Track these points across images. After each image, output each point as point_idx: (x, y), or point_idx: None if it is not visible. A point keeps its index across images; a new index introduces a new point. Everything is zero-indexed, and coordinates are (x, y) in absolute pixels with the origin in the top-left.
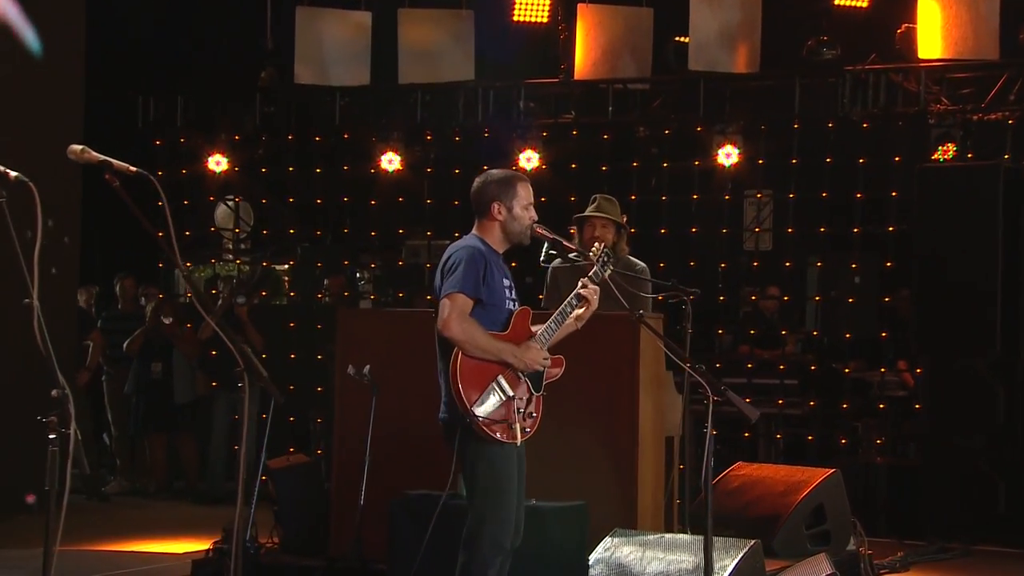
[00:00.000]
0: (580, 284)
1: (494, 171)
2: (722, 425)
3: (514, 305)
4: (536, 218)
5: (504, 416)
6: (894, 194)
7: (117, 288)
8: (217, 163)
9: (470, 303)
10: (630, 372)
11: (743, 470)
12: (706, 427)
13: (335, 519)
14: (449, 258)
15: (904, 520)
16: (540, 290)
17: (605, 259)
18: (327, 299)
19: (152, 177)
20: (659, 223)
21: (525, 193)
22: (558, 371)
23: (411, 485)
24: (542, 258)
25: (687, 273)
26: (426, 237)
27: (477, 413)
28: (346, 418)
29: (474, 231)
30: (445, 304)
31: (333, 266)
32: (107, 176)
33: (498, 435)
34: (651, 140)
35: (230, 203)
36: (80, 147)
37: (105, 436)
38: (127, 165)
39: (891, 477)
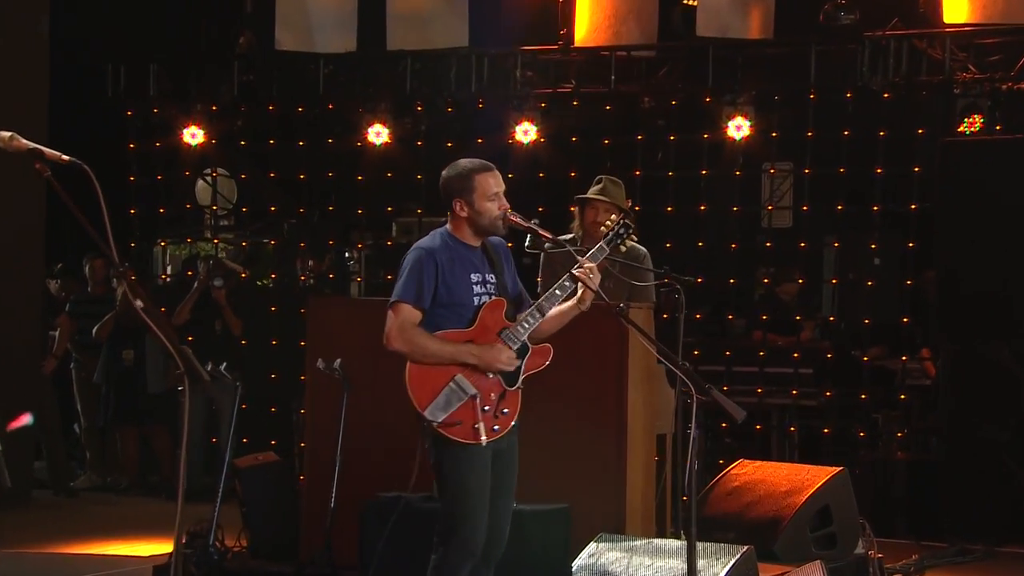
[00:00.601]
0: (576, 265)
1: (457, 163)
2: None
3: (487, 298)
4: (507, 206)
5: (464, 416)
6: (917, 169)
7: (86, 269)
8: (193, 135)
9: (415, 312)
10: (618, 365)
11: (744, 468)
12: (690, 427)
13: (305, 522)
14: (403, 259)
15: (924, 520)
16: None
17: (620, 234)
18: (311, 281)
19: (86, 167)
20: (666, 200)
21: (488, 184)
22: (543, 362)
23: (385, 486)
24: (527, 244)
25: (696, 254)
26: (416, 214)
27: (430, 417)
28: (317, 415)
29: (447, 223)
30: (388, 316)
31: (318, 246)
32: (37, 165)
33: (458, 437)
34: (657, 111)
35: (208, 178)
36: (9, 134)
37: (76, 427)
38: (59, 154)
39: (911, 473)
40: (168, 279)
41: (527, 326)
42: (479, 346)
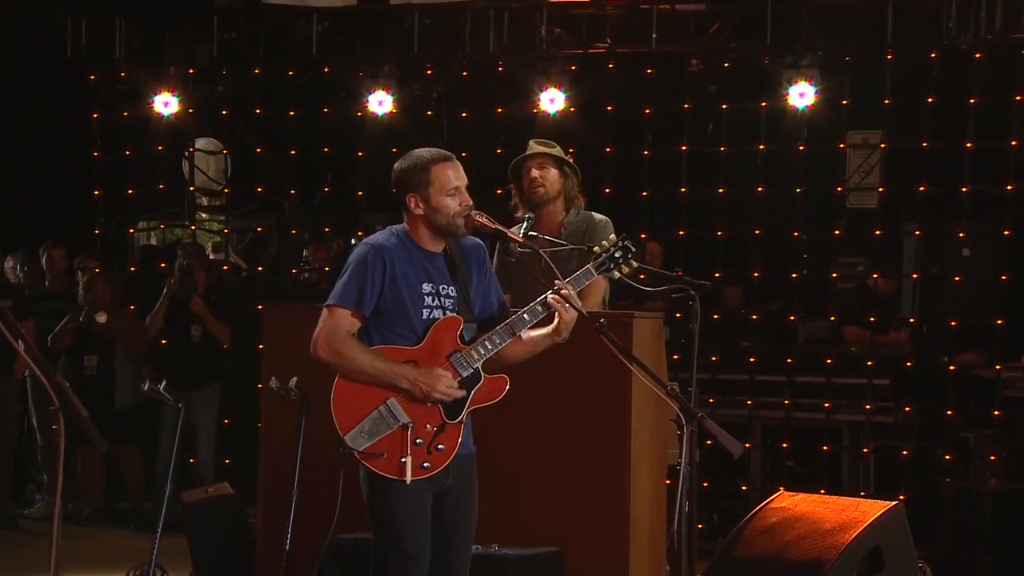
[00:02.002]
0: (552, 289)
1: (412, 153)
2: (798, 437)
3: (441, 314)
4: (470, 203)
5: (390, 448)
6: (1013, 144)
7: (43, 260)
8: (165, 104)
9: (352, 319)
10: (620, 386)
11: (783, 502)
12: (679, 463)
13: (260, 564)
14: (348, 257)
15: (1016, 560)
16: None
17: (615, 258)
18: (308, 274)
19: None
20: (716, 180)
21: (446, 177)
22: (495, 395)
23: (348, 526)
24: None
25: (750, 243)
26: None
27: (351, 443)
28: (273, 442)
29: (404, 221)
30: (321, 318)
31: (319, 232)
32: None
33: (381, 471)
34: (707, 75)
35: (195, 152)
36: None
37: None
38: None
39: (1005, 504)
40: (135, 270)
41: (482, 352)
42: (416, 369)
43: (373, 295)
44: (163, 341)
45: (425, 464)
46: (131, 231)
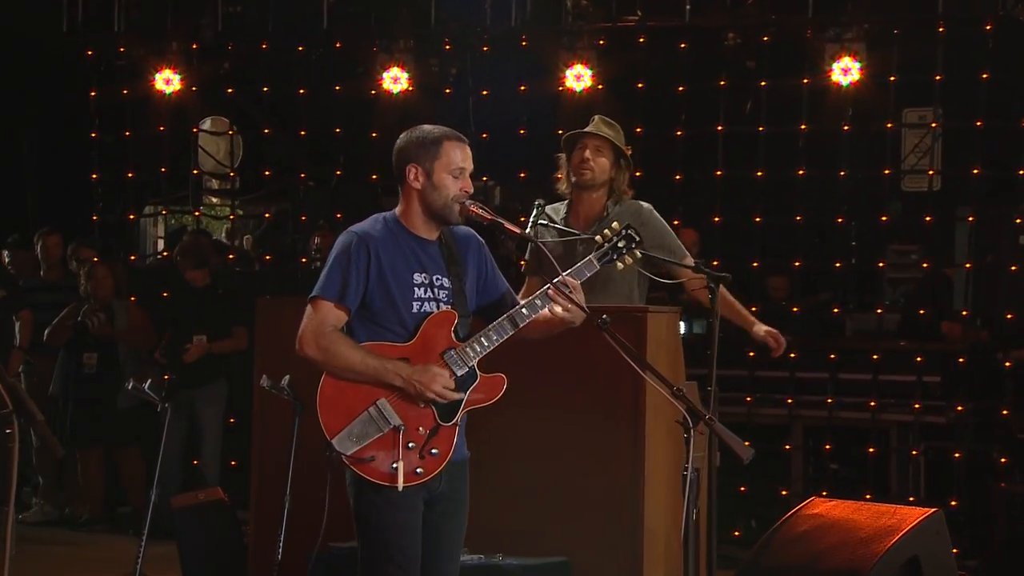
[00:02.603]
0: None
1: (421, 126)
2: (843, 438)
3: (434, 307)
4: (470, 190)
5: (381, 452)
6: None
7: (38, 248)
8: (167, 81)
9: (338, 312)
10: (633, 385)
11: (816, 508)
12: (686, 467)
13: (253, 573)
14: (333, 246)
15: None
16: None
17: (618, 248)
18: (321, 263)
19: None
20: (755, 162)
21: (454, 156)
22: (491, 396)
23: (342, 533)
24: (528, 230)
25: (792, 230)
26: None
27: (339, 447)
28: (266, 444)
29: (396, 207)
30: (305, 313)
31: (331, 217)
32: None
33: (370, 477)
34: (744, 50)
35: (203, 131)
36: None
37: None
38: None
39: None
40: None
41: (478, 350)
42: (411, 366)
43: (358, 287)
44: (167, 334)
45: (418, 469)
46: (131, 216)
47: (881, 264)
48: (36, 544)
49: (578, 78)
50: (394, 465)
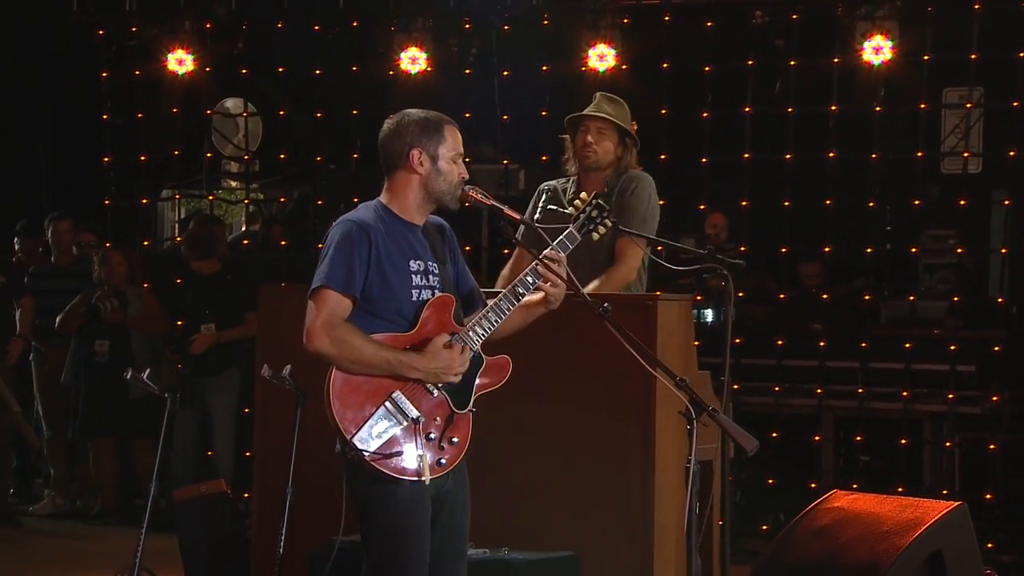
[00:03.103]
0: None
1: (412, 110)
2: (874, 429)
3: (430, 293)
4: (466, 176)
5: (404, 446)
6: None
7: (48, 232)
8: (180, 62)
9: (345, 302)
10: (644, 373)
11: (837, 502)
12: (689, 459)
13: (256, 568)
14: (326, 237)
15: None
16: None
17: (592, 218)
18: None
19: None
20: (783, 144)
21: (454, 140)
22: (499, 379)
23: (349, 528)
24: (537, 215)
25: (821, 214)
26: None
27: (361, 446)
28: (269, 436)
29: (380, 195)
30: (309, 307)
31: (348, 200)
32: None
33: (394, 473)
34: (772, 29)
35: (220, 114)
36: None
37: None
38: None
39: None
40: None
41: (480, 333)
42: (424, 357)
43: (360, 275)
44: (180, 323)
45: (441, 460)
46: (144, 201)
47: (913, 249)
48: (45, 537)
49: (601, 58)
50: (419, 457)
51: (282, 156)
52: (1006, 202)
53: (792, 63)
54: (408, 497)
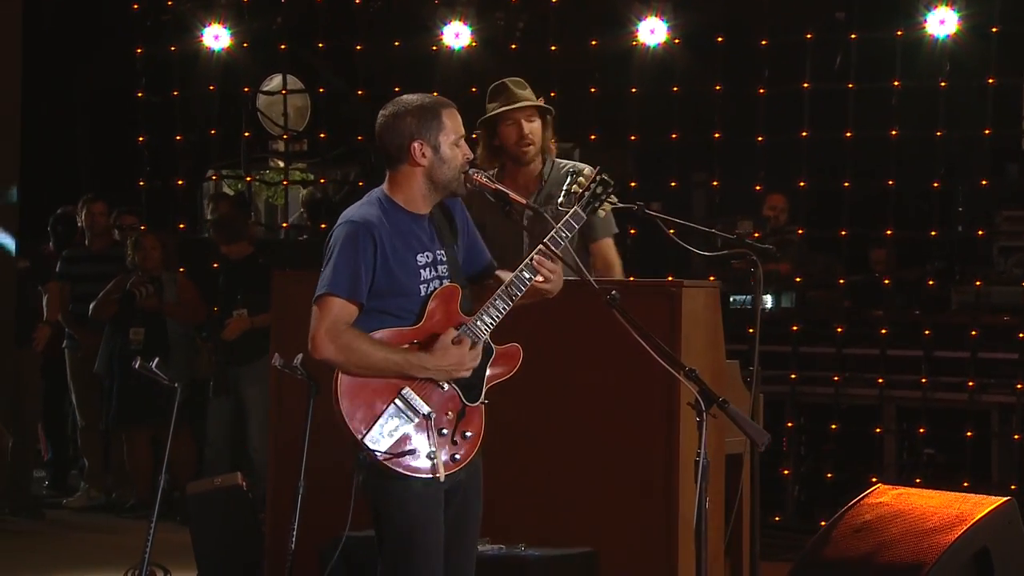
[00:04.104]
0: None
1: (406, 97)
2: (939, 421)
3: (439, 284)
4: (471, 156)
5: (416, 443)
6: None
7: (82, 215)
8: (216, 37)
9: (350, 308)
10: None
11: (880, 497)
12: (699, 452)
13: (270, 563)
14: (330, 235)
15: None
16: None
17: (597, 195)
18: None
19: None
20: (843, 122)
21: (453, 124)
22: (510, 367)
23: (360, 521)
24: (561, 199)
25: (882, 195)
26: None
27: (372, 446)
28: (283, 427)
29: (383, 185)
30: (313, 313)
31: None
32: None
33: (408, 472)
34: (832, 1)
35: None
36: None
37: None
38: None
39: None
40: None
41: (488, 322)
42: (432, 355)
43: (366, 279)
44: (216, 308)
45: (456, 455)
46: (180, 182)
47: (980, 232)
48: (76, 531)
49: (652, 32)
50: (431, 454)
51: (322, 135)
52: None
53: (853, 36)
54: (422, 494)
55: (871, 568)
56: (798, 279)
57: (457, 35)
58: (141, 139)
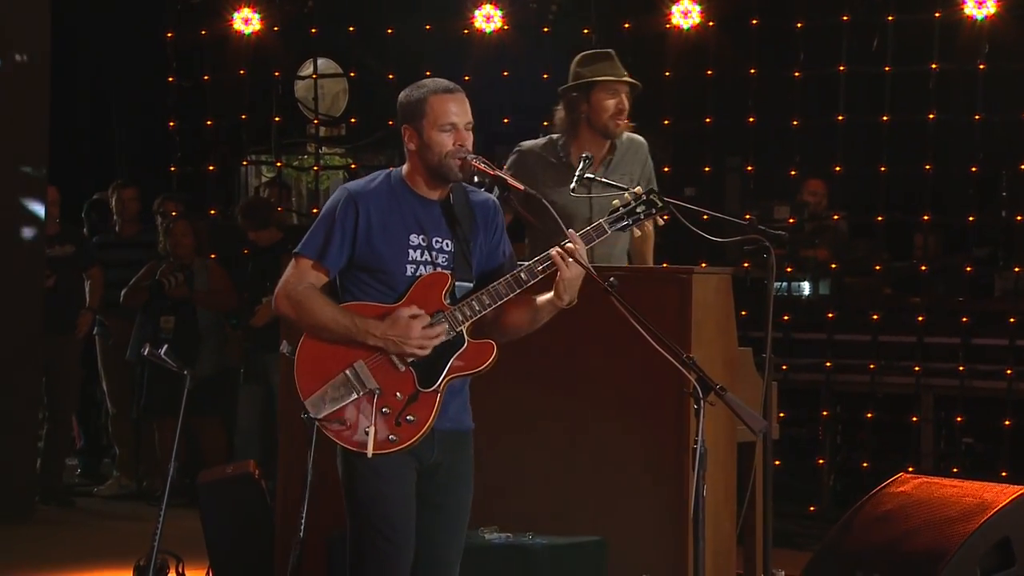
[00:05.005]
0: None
1: (418, 82)
2: (976, 410)
3: (428, 269)
4: (465, 143)
5: (353, 416)
6: None
7: (112, 201)
8: (246, 21)
9: (316, 272)
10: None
11: (902, 486)
12: (696, 440)
13: (281, 554)
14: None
15: None
16: None
17: (636, 214)
18: None
19: None
20: (881, 105)
21: (443, 110)
22: (479, 363)
23: None
24: (573, 184)
25: (918, 181)
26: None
27: (311, 409)
28: (294, 416)
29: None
30: (285, 270)
31: None
32: None
33: (341, 441)
34: None
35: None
36: None
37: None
38: None
39: None
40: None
41: (468, 313)
42: (384, 322)
43: (343, 248)
44: (245, 295)
45: (391, 437)
46: (211, 168)
47: (1019, 218)
48: (104, 519)
49: (686, 15)
50: (366, 430)
51: (352, 120)
52: None
53: (890, 18)
54: (376, 468)
55: (892, 557)
56: (833, 265)
57: (489, 18)
58: (172, 124)
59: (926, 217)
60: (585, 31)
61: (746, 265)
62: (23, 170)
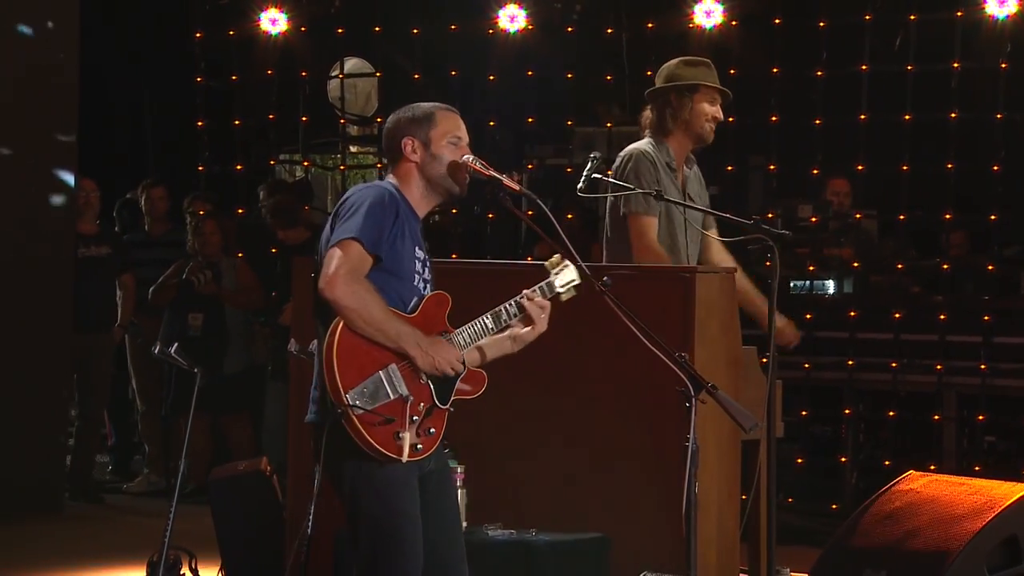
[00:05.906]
0: (523, 295)
1: (410, 105)
2: (999, 408)
3: (423, 286)
4: (469, 156)
5: (392, 418)
6: None
7: (142, 200)
8: (273, 21)
9: (369, 260)
10: (681, 344)
11: (910, 484)
12: (688, 438)
13: (291, 548)
14: (347, 199)
15: None
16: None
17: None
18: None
19: None
20: (902, 105)
21: (449, 125)
22: (474, 390)
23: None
24: (581, 184)
25: (939, 182)
26: (605, 126)
27: (352, 402)
28: (302, 413)
29: (389, 178)
30: (334, 254)
31: None
32: None
33: (376, 442)
34: None
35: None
36: None
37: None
38: None
39: None
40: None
41: (468, 339)
42: (427, 337)
43: (387, 239)
44: (274, 294)
45: (419, 445)
46: (239, 168)
47: None
48: (133, 515)
49: (708, 14)
50: (400, 435)
51: (379, 120)
52: None
53: (912, 17)
54: (397, 478)
55: (899, 555)
56: (855, 264)
57: (512, 18)
58: (200, 124)
59: (948, 216)
60: (609, 31)
61: (768, 264)
62: (55, 136)
